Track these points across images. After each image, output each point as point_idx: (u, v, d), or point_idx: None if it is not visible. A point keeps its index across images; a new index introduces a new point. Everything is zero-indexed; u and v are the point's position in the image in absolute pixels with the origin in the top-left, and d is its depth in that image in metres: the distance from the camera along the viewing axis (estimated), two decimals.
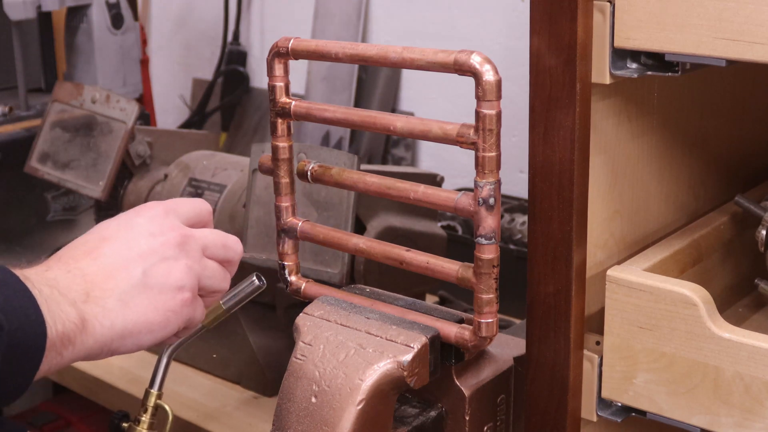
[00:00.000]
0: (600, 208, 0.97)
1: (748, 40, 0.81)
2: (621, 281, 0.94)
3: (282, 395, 0.94)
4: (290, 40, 0.97)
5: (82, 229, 1.95)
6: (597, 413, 0.98)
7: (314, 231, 1.03)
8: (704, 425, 0.92)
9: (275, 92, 0.99)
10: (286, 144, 1.01)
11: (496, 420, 1.02)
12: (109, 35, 2.04)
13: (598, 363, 0.97)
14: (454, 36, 2.03)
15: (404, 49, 0.90)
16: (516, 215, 1.77)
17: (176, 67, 2.60)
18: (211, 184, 1.60)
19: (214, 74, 2.39)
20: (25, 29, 1.99)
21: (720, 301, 0.97)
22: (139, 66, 2.14)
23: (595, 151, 0.94)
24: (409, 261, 0.96)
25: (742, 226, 1.13)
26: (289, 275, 1.05)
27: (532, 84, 0.92)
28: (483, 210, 0.88)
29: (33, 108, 1.96)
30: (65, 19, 2.05)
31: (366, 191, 1.00)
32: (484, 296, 0.90)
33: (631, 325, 0.93)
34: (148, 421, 1.05)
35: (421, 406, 1.00)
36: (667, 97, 1.04)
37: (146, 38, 2.28)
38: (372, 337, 0.94)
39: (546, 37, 0.90)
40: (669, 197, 1.09)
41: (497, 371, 1.01)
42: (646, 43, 0.87)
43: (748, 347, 0.87)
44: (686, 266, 1.04)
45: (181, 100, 2.53)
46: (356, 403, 0.90)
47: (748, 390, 0.88)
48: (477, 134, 0.86)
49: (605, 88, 0.92)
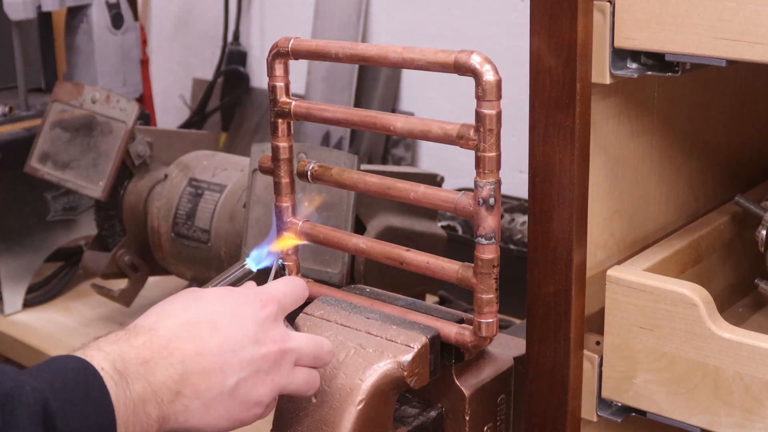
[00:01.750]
0: (600, 208, 0.97)
1: (748, 40, 0.81)
2: (621, 281, 0.94)
3: (282, 395, 0.94)
4: (290, 40, 0.97)
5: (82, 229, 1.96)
6: (597, 413, 0.98)
7: (314, 231, 1.03)
8: (704, 425, 0.92)
9: (275, 92, 0.99)
10: (286, 144, 1.01)
11: (496, 420, 1.02)
12: (109, 35, 2.04)
13: (598, 363, 0.97)
14: (454, 36, 2.03)
15: (404, 49, 0.90)
16: (516, 215, 1.77)
17: (176, 67, 2.60)
18: (211, 184, 1.60)
19: (214, 74, 2.39)
20: (25, 29, 1.99)
21: (720, 301, 0.97)
22: (139, 66, 2.14)
23: (595, 151, 0.94)
24: (409, 261, 0.96)
25: (742, 226, 1.13)
26: (289, 275, 1.05)
27: (532, 84, 0.92)
28: (483, 210, 0.88)
29: (33, 108, 1.96)
30: (65, 19, 2.05)
31: (366, 191, 1.00)
32: (484, 296, 0.90)
33: (631, 325, 0.93)
34: None
35: (421, 406, 1.00)
36: (667, 97, 1.04)
37: (146, 38, 2.28)
38: (372, 337, 0.94)
39: (546, 37, 0.90)
40: (669, 197, 1.09)
41: (497, 371, 1.01)
42: (646, 43, 0.87)
43: (748, 347, 0.87)
44: (686, 266, 1.04)
45: (181, 100, 2.53)
46: (356, 403, 0.90)
47: (748, 390, 0.88)
48: (477, 134, 0.86)
49: (605, 88, 0.92)
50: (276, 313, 0.88)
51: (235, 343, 0.84)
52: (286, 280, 0.94)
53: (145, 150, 1.72)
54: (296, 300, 0.92)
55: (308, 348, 0.89)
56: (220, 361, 0.83)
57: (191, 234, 1.59)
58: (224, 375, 0.83)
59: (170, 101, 2.55)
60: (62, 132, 1.76)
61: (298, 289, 0.92)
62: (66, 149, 1.75)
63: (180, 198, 1.62)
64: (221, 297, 0.87)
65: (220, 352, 0.83)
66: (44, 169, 1.76)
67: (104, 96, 1.71)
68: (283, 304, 0.89)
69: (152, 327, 0.83)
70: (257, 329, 0.86)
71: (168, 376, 0.80)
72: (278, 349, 0.86)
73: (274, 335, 0.87)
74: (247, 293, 0.88)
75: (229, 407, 0.84)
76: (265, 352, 0.85)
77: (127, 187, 1.72)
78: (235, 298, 0.88)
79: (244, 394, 0.84)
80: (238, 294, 0.88)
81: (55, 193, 1.93)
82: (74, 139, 1.74)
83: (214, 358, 0.83)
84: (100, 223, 1.77)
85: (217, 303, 0.86)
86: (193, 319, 0.84)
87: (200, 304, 0.86)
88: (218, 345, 0.83)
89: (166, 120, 2.53)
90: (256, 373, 0.85)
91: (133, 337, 0.81)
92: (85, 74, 2.04)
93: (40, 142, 1.77)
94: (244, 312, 0.86)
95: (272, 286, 0.91)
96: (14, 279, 1.88)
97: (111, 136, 1.69)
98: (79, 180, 1.72)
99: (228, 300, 0.87)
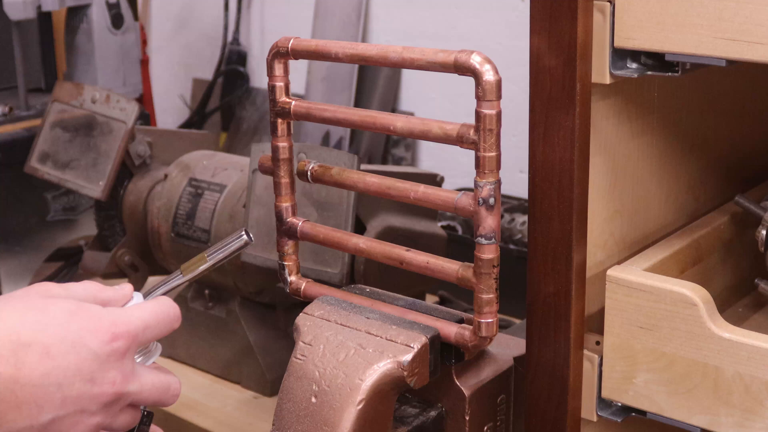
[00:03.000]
0: (600, 208, 0.97)
1: (748, 40, 0.81)
2: (621, 281, 0.94)
3: (282, 395, 0.94)
4: (290, 40, 0.97)
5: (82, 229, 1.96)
6: (597, 413, 0.98)
7: (314, 231, 1.03)
8: (704, 425, 0.92)
9: (275, 92, 0.99)
10: (286, 144, 1.01)
11: (496, 420, 1.02)
12: (109, 35, 2.05)
13: (598, 363, 0.97)
14: (454, 36, 2.04)
15: (404, 49, 0.89)
16: (516, 215, 1.78)
17: (176, 67, 2.60)
18: (211, 184, 1.60)
19: (214, 74, 2.39)
20: (25, 29, 2.00)
21: (720, 301, 0.97)
22: (139, 66, 2.14)
23: (595, 151, 0.94)
24: (409, 261, 0.96)
25: (742, 226, 1.13)
26: (289, 275, 1.05)
27: (532, 84, 0.92)
28: (483, 210, 0.88)
29: (33, 108, 1.96)
30: (65, 19, 2.05)
31: (366, 191, 1.00)
32: (484, 296, 0.90)
33: (631, 325, 0.93)
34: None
35: (421, 406, 1.00)
36: (667, 97, 1.04)
37: (146, 38, 2.28)
38: (372, 337, 0.94)
39: (546, 37, 0.90)
40: (669, 197, 1.09)
41: (497, 371, 1.01)
42: (646, 43, 0.87)
43: (748, 347, 0.87)
44: (686, 266, 1.04)
45: (181, 100, 2.53)
46: (356, 403, 0.90)
47: (748, 390, 0.88)
48: (477, 134, 0.86)
49: (605, 88, 0.92)
50: (126, 348, 0.77)
51: (65, 378, 0.74)
52: (155, 306, 0.82)
53: (145, 150, 1.72)
54: (158, 333, 0.81)
55: (150, 393, 0.80)
56: (39, 393, 0.73)
57: (191, 234, 1.60)
58: (40, 409, 0.73)
59: (170, 101, 2.55)
60: (62, 132, 1.76)
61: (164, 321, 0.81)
62: (66, 149, 1.75)
63: (180, 198, 1.62)
64: (68, 316, 0.76)
65: (43, 384, 0.73)
66: (44, 169, 1.76)
67: (104, 96, 1.71)
68: (139, 339, 0.79)
69: None
70: (96, 367, 0.76)
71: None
72: (114, 392, 0.77)
73: (113, 376, 0.76)
74: (100, 317, 0.77)
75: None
76: (97, 392, 0.76)
77: (127, 187, 1.72)
78: (83, 323, 0.76)
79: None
80: (89, 317, 0.77)
81: (55, 193, 1.93)
82: (74, 139, 1.74)
83: (33, 389, 0.73)
84: (100, 223, 1.77)
85: (60, 324, 0.75)
86: (25, 338, 0.73)
87: (40, 320, 0.75)
88: (42, 376, 0.73)
89: (166, 120, 2.53)
90: (80, 413, 0.76)
91: None
92: (85, 74, 2.04)
93: (40, 142, 1.77)
94: (87, 343, 0.75)
95: (134, 314, 0.79)
96: (14, 279, 1.89)
97: (111, 136, 1.70)
98: (79, 180, 1.72)
99: (74, 323, 0.76)
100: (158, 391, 0.80)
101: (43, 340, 0.74)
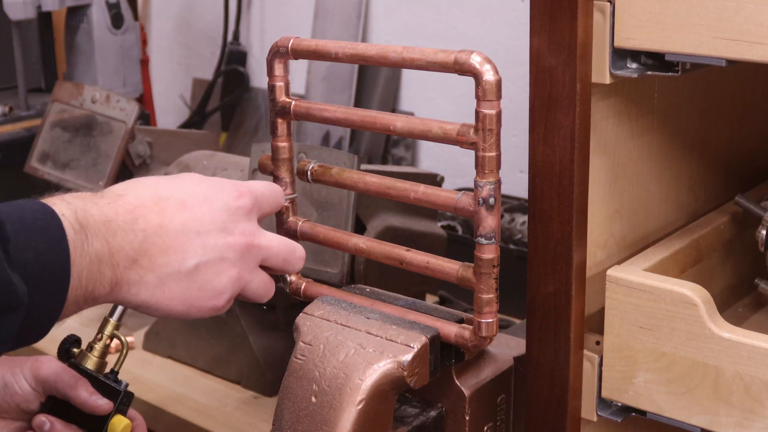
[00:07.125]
0: (600, 208, 0.97)
1: (748, 40, 0.81)
2: (621, 281, 0.94)
3: (282, 395, 0.94)
4: (290, 39, 0.97)
5: None
6: (597, 413, 0.98)
7: (314, 231, 1.03)
8: (704, 425, 0.92)
9: (275, 92, 0.99)
10: (286, 144, 1.01)
11: (496, 420, 1.02)
12: (109, 35, 2.05)
13: (598, 363, 0.97)
14: (454, 36, 2.03)
15: (404, 49, 0.90)
16: (516, 215, 1.77)
17: (176, 67, 2.60)
18: None
19: (214, 74, 2.39)
20: (25, 29, 2.00)
21: (720, 301, 0.97)
22: (139, 66, 2.14)
23: (595, 151, 0.94)
24: (409, 261, 0.96)
25: (742, 226, 1.13)
26: (289, 275, 1.05)
27: (532, 84, 0.92)
28: (483, 210, 0.88)
29: (33, 108, 1.96)
30: (65, 19, 2.05)
31: (366, 191, 1.00)
32: (484, 296, 0.90)
33: (631, 325, 0.93)
34: (100, 350, 0.98)
35: (421, 406, 1.00)
36: (667, 97, 1.04)
37: (146, 38, 2.28)
38: (372, 337, 0.94)
39: (546, 37, 0.90)
40: (669, 197, 1.09)
41: (497, 371, 1.01)
42: (646, 43, 0.87)
43: (748, 347, 0.87)
44: (686, 266, 1.04)
45: (181, 100, 2.53)
46: (356, 403, 0.90)
47: (748, 390, 0.88)
48: (477, 134, 0.86)
49: (605, 88, 0.92)
50: (251, 207, 0.86)
51: (201, 225, 0.82)
52: (265, 182, 0.92)
53: (145, 150, 1.72)
54: (273, 204, 0.91)
55: (279, 248, 0.88)
56: (181, 239, 0.81)
57: None
58: (184, 254, 0.81)
59: (170, 101, 2.55)
60: (62, 132, 1.76)
61: (275, 194, 0.91)
62: (66, 149, 1.75)
63: None
64: (197, 179, 0.86)
65: (184, 231, 0.81)
66: (44, 169, 1.76)
67: (104, 96, 1.71)
68: (260, 202, 0.88)
69: (121, 193, 0.82)
70: (227, 217, 0.84)
71: (128, 242, 0.78)
72: (246, 242, 0.84)
73: (243, 227, 0.85)
74: (225, 182, 0.87)
75: (185, 290, 0.82)
76: (231, 241, 0.83)
77: None
78: (211, 183, 0.86)
79: (203, 280, 0.82)
80: (215, 181, 0.87)
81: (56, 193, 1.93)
82: (74, 139, 1.74)
83: (176, 235, 0.81)
84: None
85: (191, 184, 0.85)
86: (163, 193, 0.83)
87: (174, 182, 0.85)
88: (182, 223, 0.81)
89: (166, 120, 2.53)
90: (220, 260, 0.83)
91: (99, 197, 0.80)
92: (85, 74, 2.04)
93: (40, 142, 1.77)
94: (217, 197, 0.84)
95: (252, 183, 0.89)
96: None
97: (111, 136, 1.70)
98: (79, 180, 1.72)
99: (203, 184, 0.86)
100: (286, 250, 0.88)
101: (179, 195, 0.83)
